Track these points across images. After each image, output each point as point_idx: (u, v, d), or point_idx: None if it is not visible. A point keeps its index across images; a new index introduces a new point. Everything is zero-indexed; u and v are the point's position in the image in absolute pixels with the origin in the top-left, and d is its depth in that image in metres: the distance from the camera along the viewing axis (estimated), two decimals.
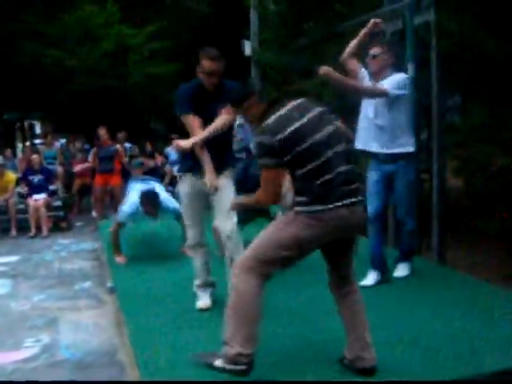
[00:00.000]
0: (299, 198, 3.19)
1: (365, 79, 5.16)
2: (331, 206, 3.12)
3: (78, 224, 11.36)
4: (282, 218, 3.42)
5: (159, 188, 7.11)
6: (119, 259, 6.72)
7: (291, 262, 3.29)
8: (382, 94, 4.91)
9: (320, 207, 3.12)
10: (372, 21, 5.00)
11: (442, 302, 4.61)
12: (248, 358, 3.15)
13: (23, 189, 10.83)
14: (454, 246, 7.08)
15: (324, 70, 4.68)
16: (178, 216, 6.22)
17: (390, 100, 4.95)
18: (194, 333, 4.17)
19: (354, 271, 3.47)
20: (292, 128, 3.14)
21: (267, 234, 3.28)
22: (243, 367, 3.15)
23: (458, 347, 3.64)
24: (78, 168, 11.94)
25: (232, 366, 3.15)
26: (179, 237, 6.44)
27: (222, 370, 3.21)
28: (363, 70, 5.18)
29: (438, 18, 5.87)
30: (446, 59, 6.09)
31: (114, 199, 11.12)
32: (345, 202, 3.14)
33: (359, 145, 5.14)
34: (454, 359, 3.47)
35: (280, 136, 3.12)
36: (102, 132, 10.48)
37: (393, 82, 4.99)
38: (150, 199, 6.43)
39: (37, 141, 24.02)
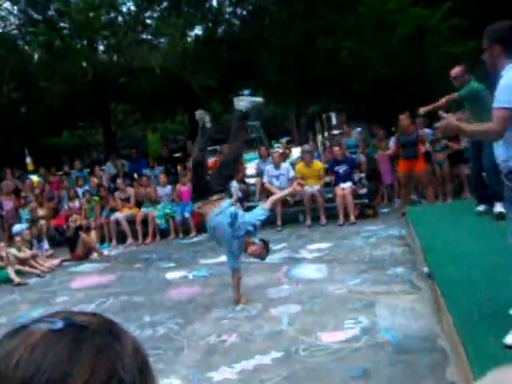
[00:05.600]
0: None
1: None
2: None
3: (383, 211, 11.49)
4: None
5: None
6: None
7: None
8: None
9: None
10: None
11: None
12: None
13: (330, 178, 11.32)
14: None
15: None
16: None
17: None
18: None
19: None
20: None
21: None
22: None
23: None
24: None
25: None
26: None
27: None
28: None
29: None
30: None
31: (418, 185, 10.97)
32: None
33: None
34: None
35: None
36: (402, 117, 10.36)
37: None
38: None
39: (334, 131, 25.13)
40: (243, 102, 6.53)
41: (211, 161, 14.26)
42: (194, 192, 6.56)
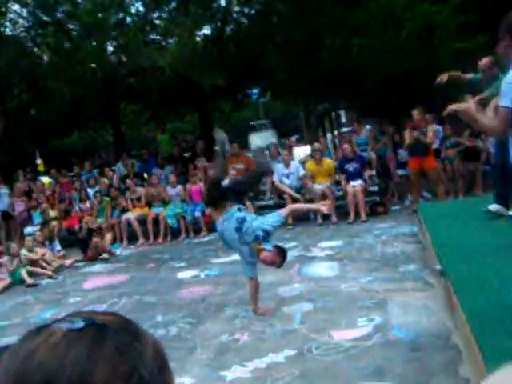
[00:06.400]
0: None
1: None
2: None
3: (394, 208, 11.46)
4: None
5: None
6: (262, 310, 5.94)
7: None
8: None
9: None
10: None
11: None
12: None
13: (340, 177, 11.30)
14: None
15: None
16: None
17: None
18: None
19: None
20: None
21: None
22: None
23: None
24: None
25: None
26: None
27: None
28: None
29: None
30: None
31: (429, 182, 10.92)
32: None
33: None
34: None
35: None
36: (415, 113, 10.33)
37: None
38: None
39: (344, 129, 25.10)
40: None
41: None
42: (207, 204, 6.50)
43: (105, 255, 10.80)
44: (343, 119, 33.22)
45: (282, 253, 5.69)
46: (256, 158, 6.80)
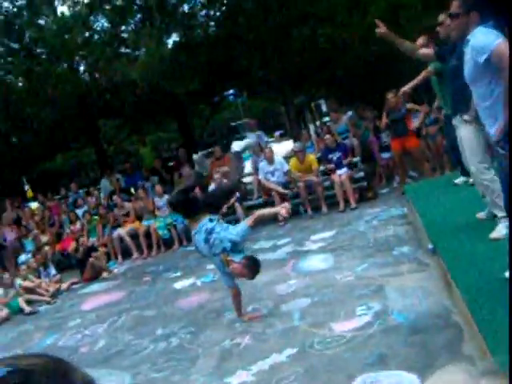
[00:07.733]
0: None
1: None
2: None
3: (383, 191, 11.46)
4: None
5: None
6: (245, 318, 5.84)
7: None
8: None
9: None
10: None
11: None
12: None
13: (327, 166, 11.28)
14: None
15: None
16: None
17: None
18: None
19: None
20: None
21: None
22: None
23: None
24: None
25: None
26: None
27: None
28: None
29: None
30: None
31: (413, 161, 10.94)
32: None
33: None
34: None
35: None
36: (390, 96, 10.33)
37: None
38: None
39: (326, 118, 25.14)
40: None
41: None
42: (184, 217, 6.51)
43: (105, 274, 10.72)
44: (324, 109, 33.20)
45: (252, 264, 5.54)
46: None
